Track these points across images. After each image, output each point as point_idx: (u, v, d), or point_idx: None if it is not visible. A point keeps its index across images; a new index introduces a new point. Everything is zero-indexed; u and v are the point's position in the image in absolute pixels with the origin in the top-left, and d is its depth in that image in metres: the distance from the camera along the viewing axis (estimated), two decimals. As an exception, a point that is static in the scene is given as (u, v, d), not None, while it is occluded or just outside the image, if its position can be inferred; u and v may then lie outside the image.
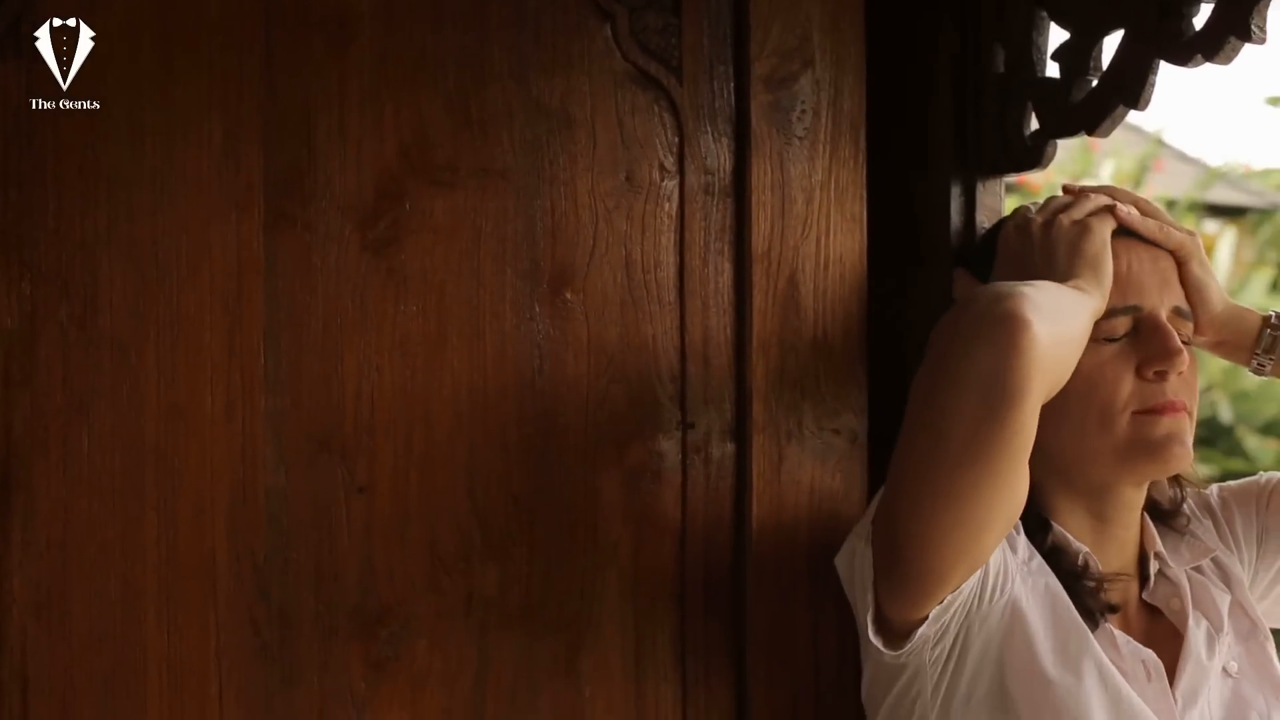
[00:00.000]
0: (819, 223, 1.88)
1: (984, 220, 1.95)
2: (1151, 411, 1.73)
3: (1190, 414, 1.77)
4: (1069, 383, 1.67)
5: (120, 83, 1.72)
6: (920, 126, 2.01)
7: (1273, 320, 1.84)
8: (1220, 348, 1.86)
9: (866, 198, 1.91)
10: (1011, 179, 2.09)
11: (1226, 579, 1.85)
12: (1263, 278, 15.94)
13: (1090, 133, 1.86)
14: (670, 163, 1.85)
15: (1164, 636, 1.79)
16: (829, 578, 1.80)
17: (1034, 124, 1.94)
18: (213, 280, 1.74)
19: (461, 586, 1.79)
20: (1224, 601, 1.81)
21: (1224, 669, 1.79)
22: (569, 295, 1.82)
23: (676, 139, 1.85)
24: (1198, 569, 1.84)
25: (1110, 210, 1.76)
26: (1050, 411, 1.68)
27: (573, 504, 1.82)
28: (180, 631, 1.74)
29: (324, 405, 1.76)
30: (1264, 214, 19.66)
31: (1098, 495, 1.77)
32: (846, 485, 1.89)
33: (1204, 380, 12.86)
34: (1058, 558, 1.74)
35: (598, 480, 1.83)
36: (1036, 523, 1.75)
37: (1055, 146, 1.93)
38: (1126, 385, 1.72)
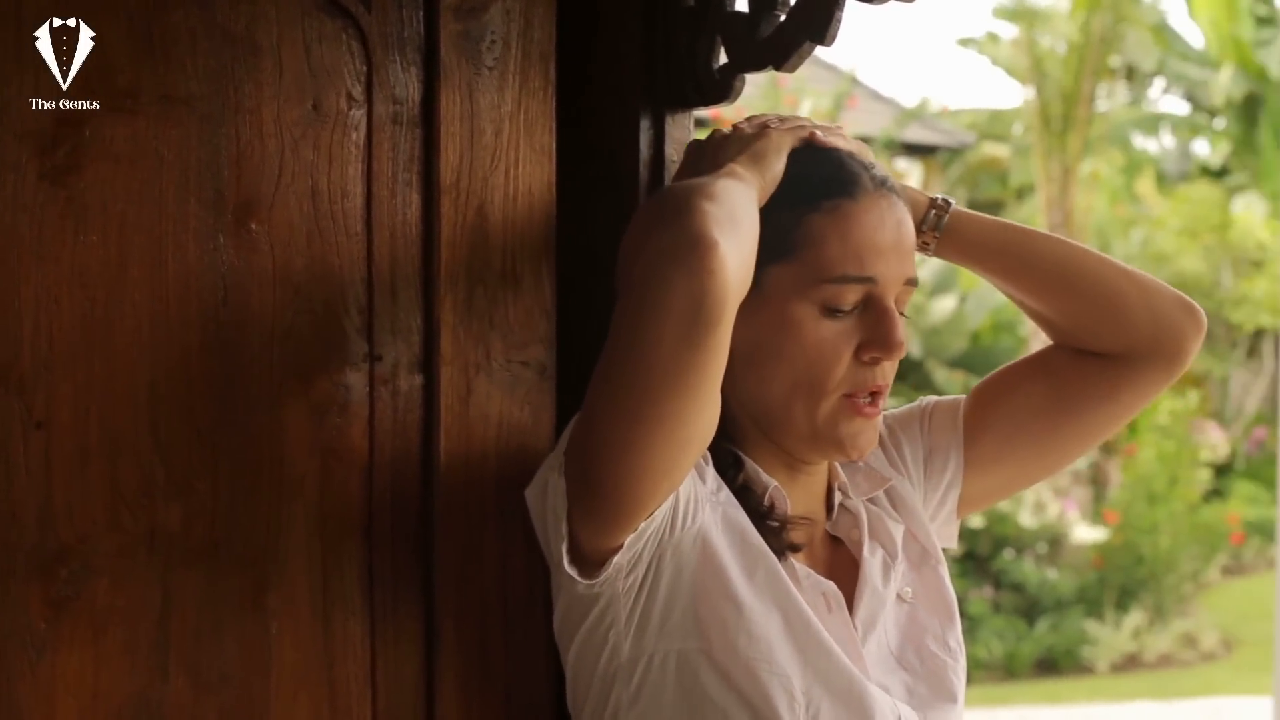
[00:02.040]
0: (508, 154, 1.91)
1: (672, 153, 2.01)
2: (858, 399, 1.80)
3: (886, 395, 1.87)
4: (788, 348, 1.76)
5: None
6: (611, 59, 2.06)
7: (938, 202, 1.94)
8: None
9: (556, 129, 1.94)
10: (703, 113, 2.14)
11: (900, 508, 1.95)
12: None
13: (778, 68, 1.92)
14: (358, 92, 1.87)
15: (845, 566, 1.88)
16: (518, 510, 1.84)
17: (723, 58, 2.00)
18: (-123, 207, 1.70)
19: (144, 523, 1.79)
20: (898, 531, 1.91)
21: (899, 595, 1.89)
22: (254, 226, 1.82)
23: (365, 68, 1.87)
24: (874, 500, 1.93)
25: (800, 130, 1.82)
26: (762, 368, 1.76)
27: (258, 438, 1.83)
28: None
29: (-1, 338, 1.73)
30: (954, 152, 20.33)
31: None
32: (535, 418, 1.93)
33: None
34: (746, 495, 1.82)
35: (283, 413, 1.84)
36: (730, 458, 1.82)
37: (744, 81, 1.99)
38: (843, 366, 1.79)
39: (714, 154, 1.79)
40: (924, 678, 1.87)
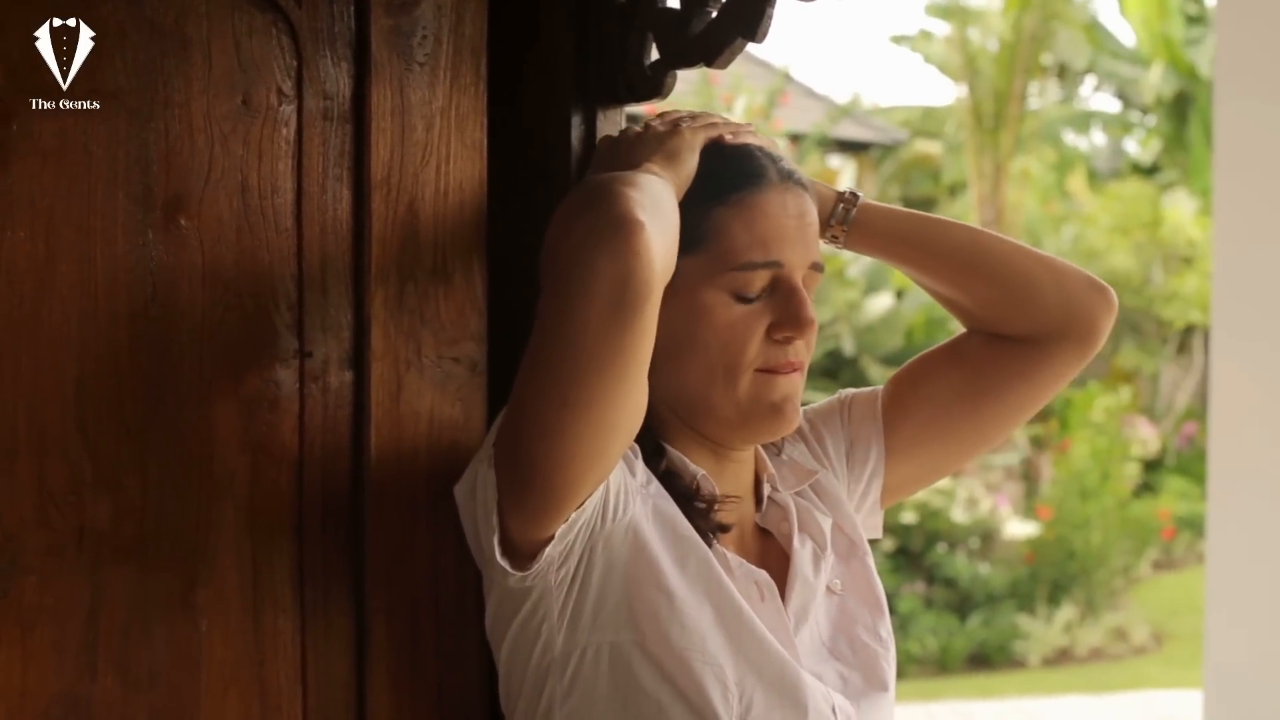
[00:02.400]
0: (439, 150, 1.91)
1: (604, 150, 2.00)
2: (773, 371, 1.82)
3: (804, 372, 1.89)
4: (701, 334, 1.78)
5: None
6: (542, 54, 2.06)
7: (846, 195, 1.98)
8: None
9: (488, 125, 1.94)
10: (634, 109, 2.14)
11: (827, 501, 1.96)
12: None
13: (709, 64, 1.93)
14: (288, 87, 1.86)
15: (776, 558, 1.90)
16: (449, 507, 1.84)
17: (655, 54, 2.00)
18: None
19: (72, 520, 1.79)
20: (826, 523, 1.93)
21: (829, 587, 1.90)
22: (184, 221, 1.81)
23: (295, 63, 1.86)
24: (801, 493, 1.94)
25: (710, 128, 1.85)
26: (679, 358, 1.78)
27: (187, 434, 1.83)
28: None
29: (-76, 335, 1.72)
30: (887, 149, 20.41)
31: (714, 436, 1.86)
32: (466, 414, 1.93)
33: (830, 313, 13.29)
34: (673, 480, 1.83)
35: (213, 410, 1.84)
36: (653, 447, 1.83)
37: (675, 77, 2.00)
38: (755, 345, 1.82)
39: (628, 152, 1.82)
40: (857, 667, 1.88)
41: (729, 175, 1.83)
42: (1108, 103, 23.26)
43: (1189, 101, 18.75)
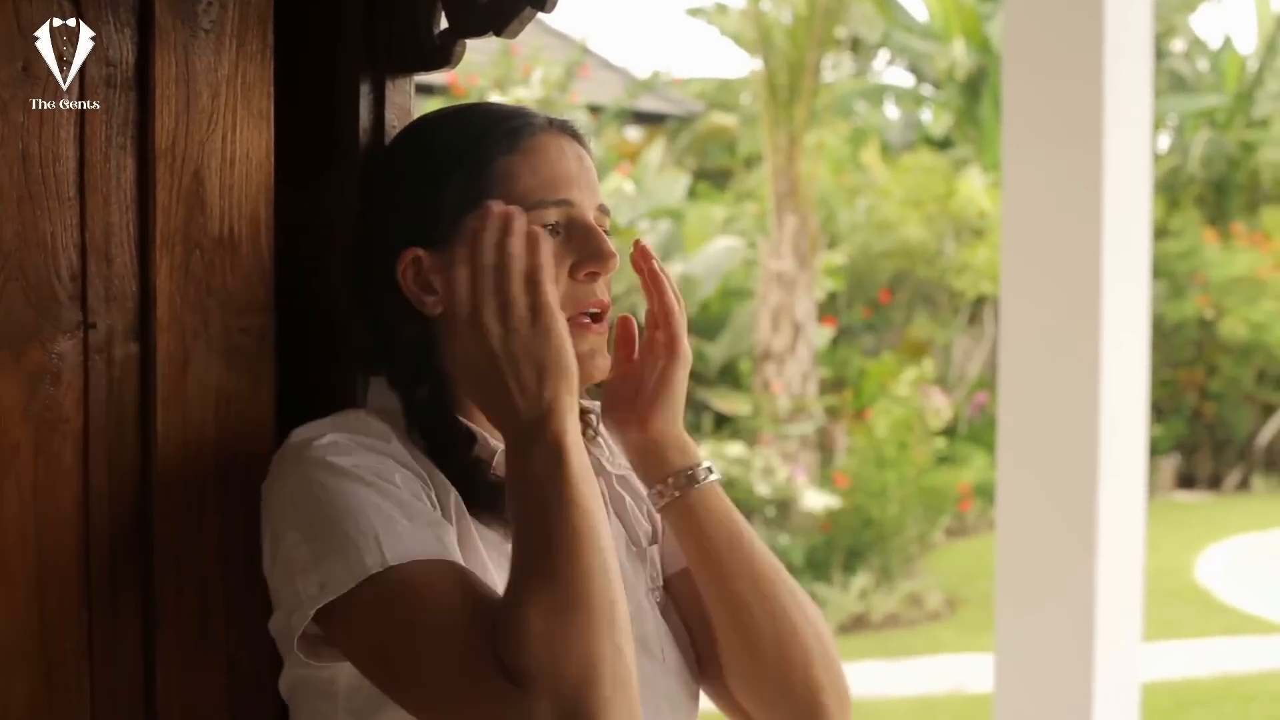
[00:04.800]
0: (225, 118, 1.89)
1: (393, 119, 2.01)
2: (584, 319, 1.83)
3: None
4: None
5: None
6: (330, 23, 2.05)
7: (702, 468, 1.93)
8: (643, 453, 1.95)
9: (275, 94, 1.93)
10: (425, 79, 2.14)
11: (635, 496, 2.01)
12: (681, 181, 16.61)
13: (499, 33, 1.94)
14: (70, 53, 1.82)
15: None
16: (237, 480, 1.84)
17: (444, 23, 1.99)
18: None
19: None
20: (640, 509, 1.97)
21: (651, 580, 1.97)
22: (-40, 190, 1.77)
23: (77, 28, 1.83)
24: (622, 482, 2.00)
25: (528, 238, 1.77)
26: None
27: (-33, 409, 1.78)
28: None
29: None
30: (684, 121, 20.52)
31: None
32: (254, 386, 1.92)
33: (625, 284, 13.33)
34: (480, 467, 1.84)
35: (-6, 384, 1.79)
36: (460, 430, 1.84)
37: (464, 46, 2.00)
38: (560, 287, 1.81)
39: (511, 363, 1.72)
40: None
41: (505, 127, 1.84)
42: (901, 77, 23.61)
43: (982, 77, 19.08)
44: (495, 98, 13.41)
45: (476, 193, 1.79)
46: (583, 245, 1.83)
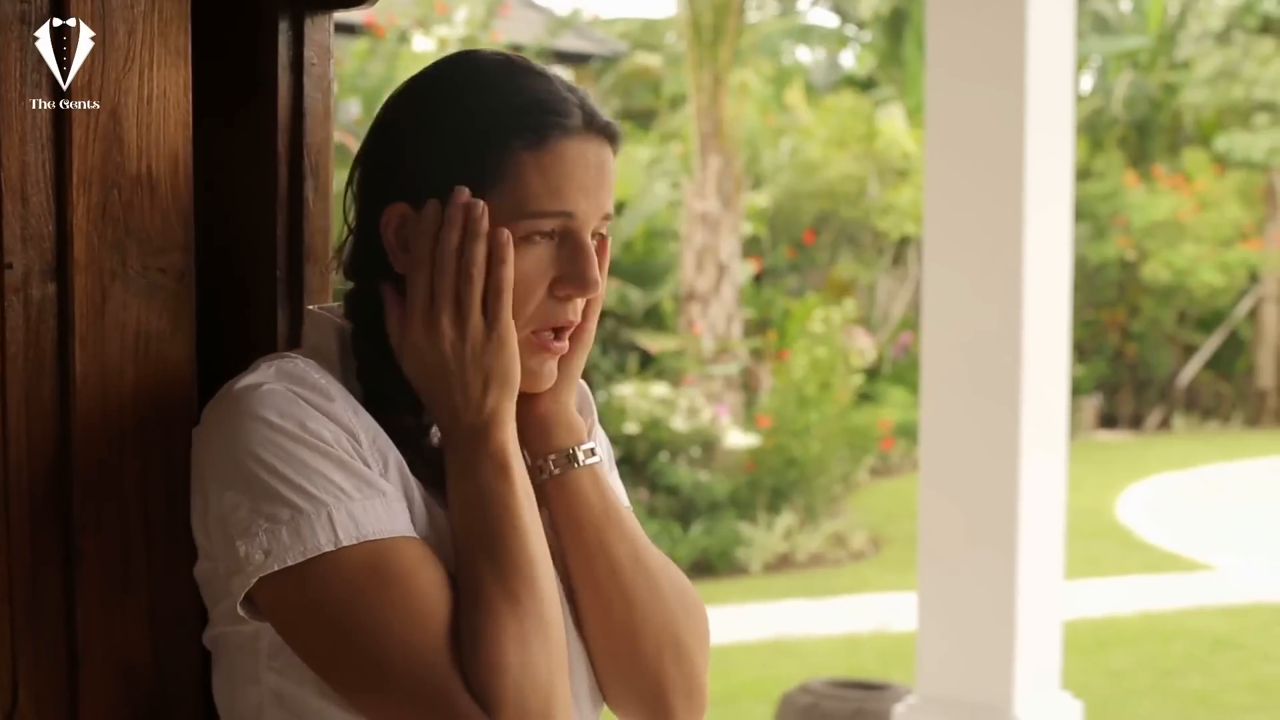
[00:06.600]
0: (142, 55, 1.87)
1: (312, 56, 2.00)
2: (546, 334, 1.80)
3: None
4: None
5: None
6: (248, -41, 2.02)
7: (583, 450, 1.88)
8: (530, 425, 1.88)
9: (192, 31, 1.91)
10: (348, 17, 2.12)
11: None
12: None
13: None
14: (-19, -10, 1.79)
15: None
16: (157, 421, 1.82)
17: (363, -40, 1.98)
18: None
19: None
20: None
21: None
22: None
23: (-13, -36, 1.79)
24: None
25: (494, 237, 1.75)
26: None
27: (-119, 352, 1.76)
28: None
29: None
30: (608, 61, 20.46)
31: None
32: (174, 326, 1.91)
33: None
34: (424, 429, 1.83)
35: (-92, 325, 1.77)
36: (408, 392, 1.81)
37: (377, -16, 1.98)
38: (536, 299, 1.78)
39: (460, 375, 1.74)
40: None
41: (538, 120, 1.75)
42: (825, 18, 23.62)
43: (904, 18, 19.13)
44: (418, 38, 13.34)
45: (481, 171, 1.74)
46: (569, 264, 1.77)
